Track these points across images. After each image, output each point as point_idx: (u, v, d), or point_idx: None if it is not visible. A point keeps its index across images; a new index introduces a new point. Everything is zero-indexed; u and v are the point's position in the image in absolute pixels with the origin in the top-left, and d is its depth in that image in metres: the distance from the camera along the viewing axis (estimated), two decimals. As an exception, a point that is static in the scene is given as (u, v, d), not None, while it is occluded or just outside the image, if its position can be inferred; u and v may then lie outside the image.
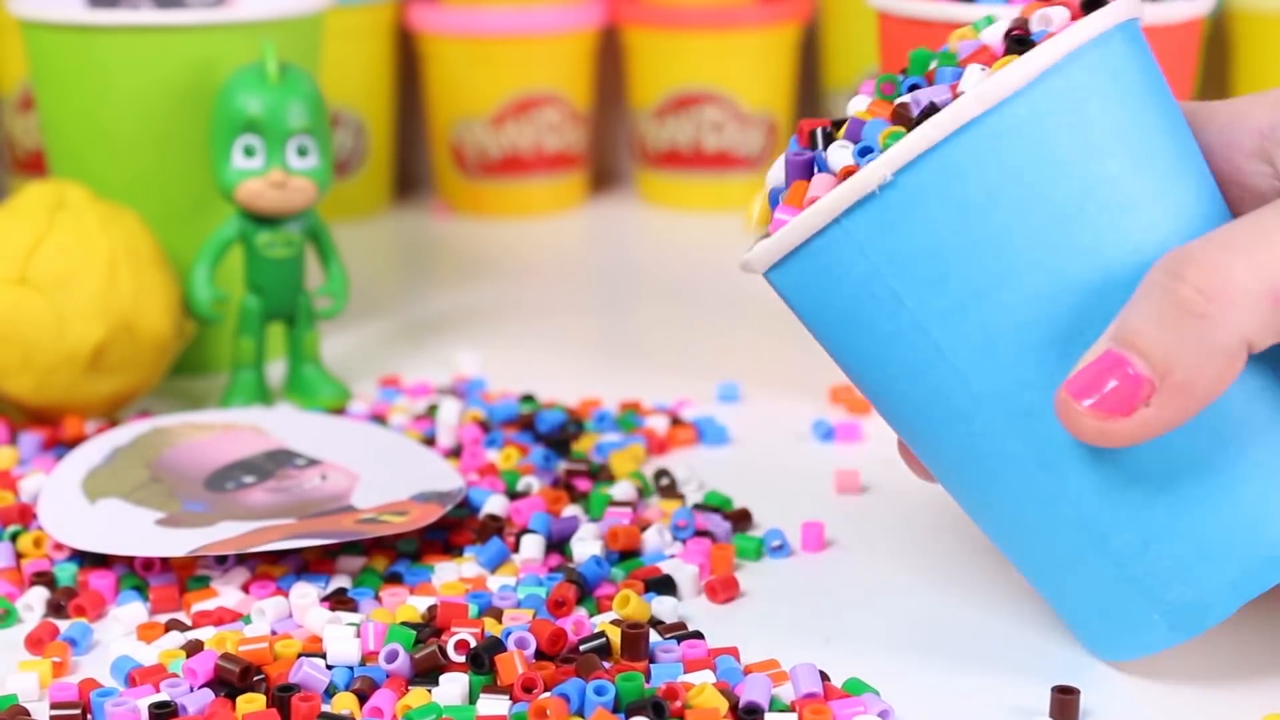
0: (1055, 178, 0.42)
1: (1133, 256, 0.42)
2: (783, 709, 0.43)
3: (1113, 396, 0.41)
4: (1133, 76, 0.43)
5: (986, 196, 0.42)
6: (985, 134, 0.42)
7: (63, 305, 0.61)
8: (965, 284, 0.43)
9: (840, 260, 0.43)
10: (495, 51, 0.98)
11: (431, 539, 0.54)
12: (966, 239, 0.42)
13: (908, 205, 0.42)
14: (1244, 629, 0.48)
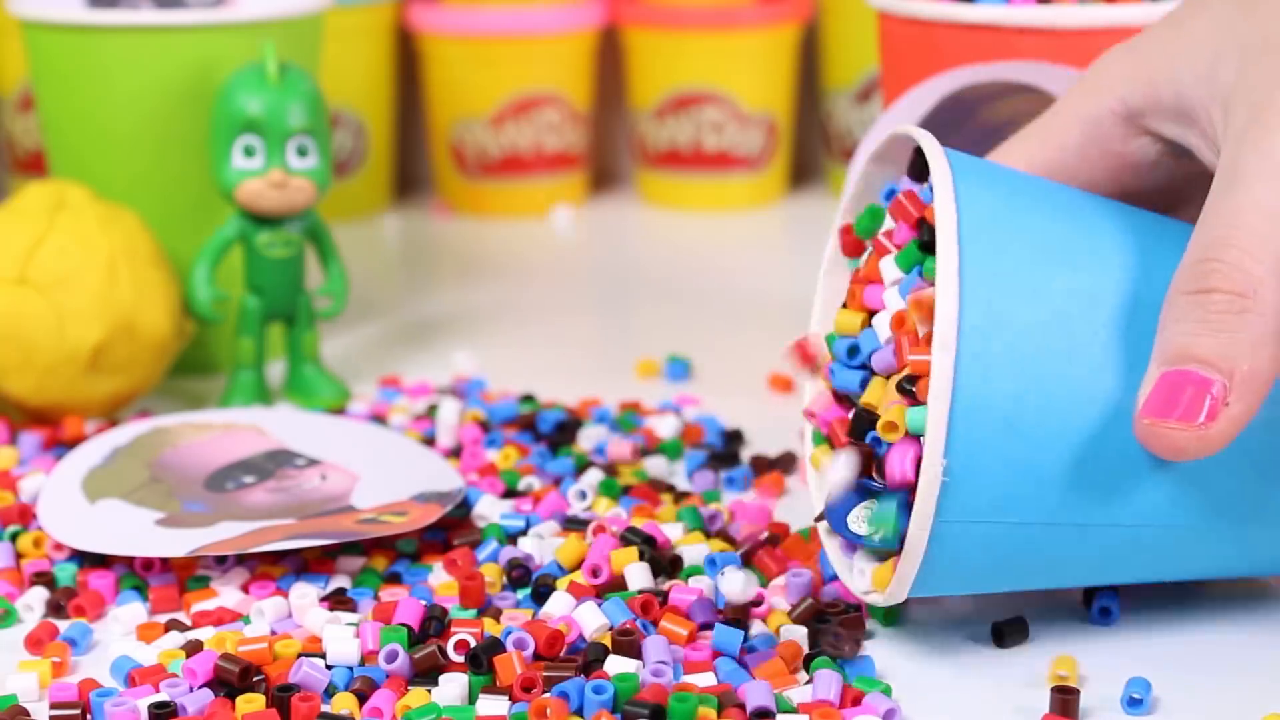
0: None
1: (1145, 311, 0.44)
2: (789, 710, 0.43)
3: (1192, 406, 0.42)
4: (999, 198, 0.45)
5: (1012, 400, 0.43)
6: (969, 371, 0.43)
7: (63, 305, 0.61)
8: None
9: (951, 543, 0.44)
10: (495, 51, 0.98)
11: (431, 539, 0.54)
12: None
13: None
14: (1244, 629, 0.48)
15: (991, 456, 0.43)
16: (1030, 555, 0.45)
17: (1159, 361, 0.42)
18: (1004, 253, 0.44)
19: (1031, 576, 0.46)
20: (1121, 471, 0.44)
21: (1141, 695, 0.44)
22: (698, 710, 0.42)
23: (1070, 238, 0.45)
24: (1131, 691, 0.44)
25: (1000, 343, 0.43)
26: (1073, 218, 0.45)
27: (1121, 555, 0.45)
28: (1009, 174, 0.46)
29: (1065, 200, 0.46)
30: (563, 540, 0.52)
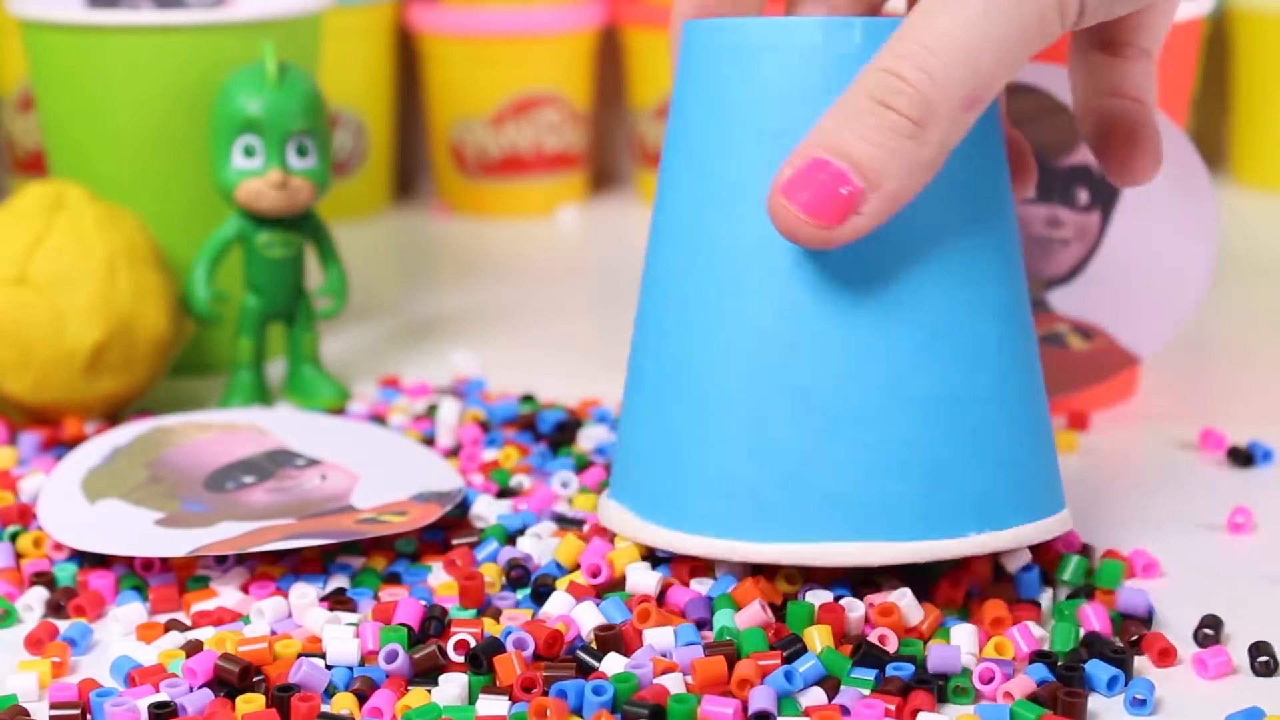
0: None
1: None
2: (794, 713, 0.43)
3: (824, 198, 0.44)
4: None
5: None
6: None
7: (62, 305, 0.61)
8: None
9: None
10: (495, 51, 0.98)
11: (429, 539, 0.54)
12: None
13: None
14: (1245, 629, 0.48)
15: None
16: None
17: (815, 144, 0.44)
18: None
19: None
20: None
21: (1145, 696, 0.44)
22: (697, 711, 0.42)
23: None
24: (1135, 693, 0.44)
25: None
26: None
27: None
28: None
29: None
30: (559, 540, 0.52)
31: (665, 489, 0.48)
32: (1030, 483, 0.48)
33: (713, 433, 0.47)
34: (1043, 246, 0.62)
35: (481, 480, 0.58)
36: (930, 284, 0.46)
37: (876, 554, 0.46)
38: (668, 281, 0.49)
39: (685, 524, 0.48)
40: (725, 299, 0.47)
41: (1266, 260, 0.88)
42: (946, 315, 0.46)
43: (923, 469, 0.46)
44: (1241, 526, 0.55)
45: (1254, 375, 0.71)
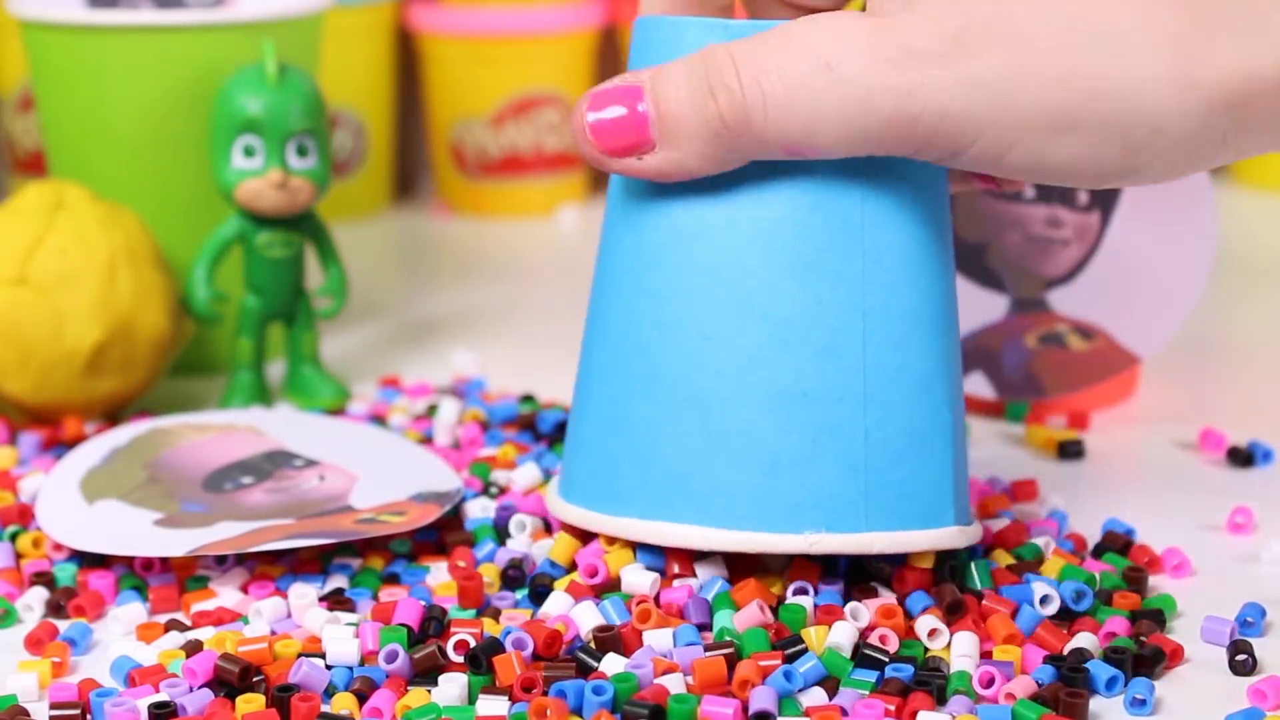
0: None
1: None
2: (795, 713, 0.43)
3: (614, 128, 0.46)
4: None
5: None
6: None
7: (62, 305, 0.61)
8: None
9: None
10: (495, 51, 0.98)
11: (424, 539, 0.54)
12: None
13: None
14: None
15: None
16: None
17: (647, 77, 0.46)
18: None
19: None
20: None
21: (1145, 696, 0.44)
22: (698, 711, 0.42)
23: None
24: (1135, 693, 0.44)
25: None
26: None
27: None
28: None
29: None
30: (552, 539, 0.52)
31: (566, 462, 0.51)
32: (895, 491, 0.47)
33: (587, 407, 0.49)
34: (1043, 246, 0.62)
35: (465, 475, 0.58)
36: (786, 277, 0.46)
37: (710, 539, 0.47)
38: (603, 264, 0.50)
39: (569, 493, 0.50)
40: (608, 283, 0.49)
41: (1266, 260, 0.88)
42: (801, 310, 0.46)
43: (762, 460, 0.46)
44: (1242, 526, 0.55)
45: (1254, 375, 0.71)
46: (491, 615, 0.49)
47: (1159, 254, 0.62)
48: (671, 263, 0.47)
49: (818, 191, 0.46)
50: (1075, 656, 0.45)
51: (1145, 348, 0.63)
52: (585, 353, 0.50)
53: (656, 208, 0.48)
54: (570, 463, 0.51)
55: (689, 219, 0.47)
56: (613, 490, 0.48)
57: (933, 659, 0.45)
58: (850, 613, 0.47)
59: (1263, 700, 0.44)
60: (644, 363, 0.48)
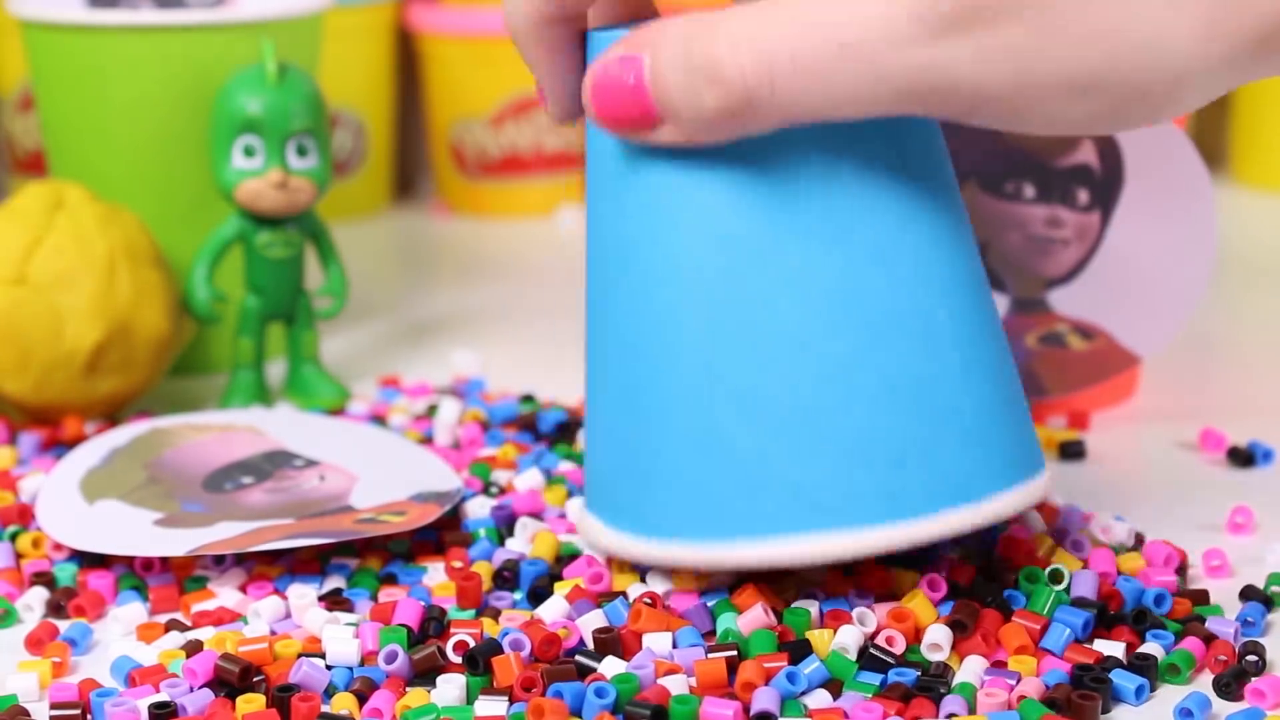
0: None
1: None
2: (797, 713, 0.43)
3: (618, 98, 0.44)
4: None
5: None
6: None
7: (61, 305, 0.61)
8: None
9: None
10: (495, 51, 0.98)
11: (423, 539, 0.54)
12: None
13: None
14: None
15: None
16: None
17: (649, 39, 0.44)
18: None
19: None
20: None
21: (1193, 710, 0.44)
22: (699, 712, 0.42)
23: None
24: (1186, 705, 0.44)
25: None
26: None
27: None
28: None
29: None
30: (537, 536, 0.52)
31: (630, 498, 0.48)
32: (1002, 454, 0.47)
33: (667, 441, 0.46)
34: (1043, 247, 0.62)
35: (465, 475, 0.58)
36: (869, 271, 0.45)
37: (845, 544, 0.45)
38: (605, 297, 0.48)
39: (651, 531, 0.47)
40: (659, 309, 0.46)
41: (1266, 260, 0.88)
42: (890, 300, 0.46)
43: (886, 455, 0.45)
44: (1242, 526, 0.55)
45: (1254, 375, 0.71)
46: (490, 616, 0.49)
47: (1159, 254, 0.62)
48: (749, 281, 0.45)
49: (874, 180, 0.46)
50: (1102, 664, 0.45)
51: (1146, 348, 0.63)
52: (638, 384, 0.47)
53: (716, 231, 0.46)
54: (643, 498, 0.47)
55: (758, 236, 0.45)
56: (715, 518, 0.46)
57: (939, 664, 0.45)
58: (858, 617, 0.46)
59: (1262, 700, 0.44)
60: (732, 384, 0.45)
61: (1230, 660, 0.46)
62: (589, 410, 0.49)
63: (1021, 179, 0.62)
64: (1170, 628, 0.47)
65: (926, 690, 0.44)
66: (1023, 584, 0.48)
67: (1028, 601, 0.48)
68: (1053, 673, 0.45)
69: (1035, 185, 0.62)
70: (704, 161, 0.46)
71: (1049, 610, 0.47)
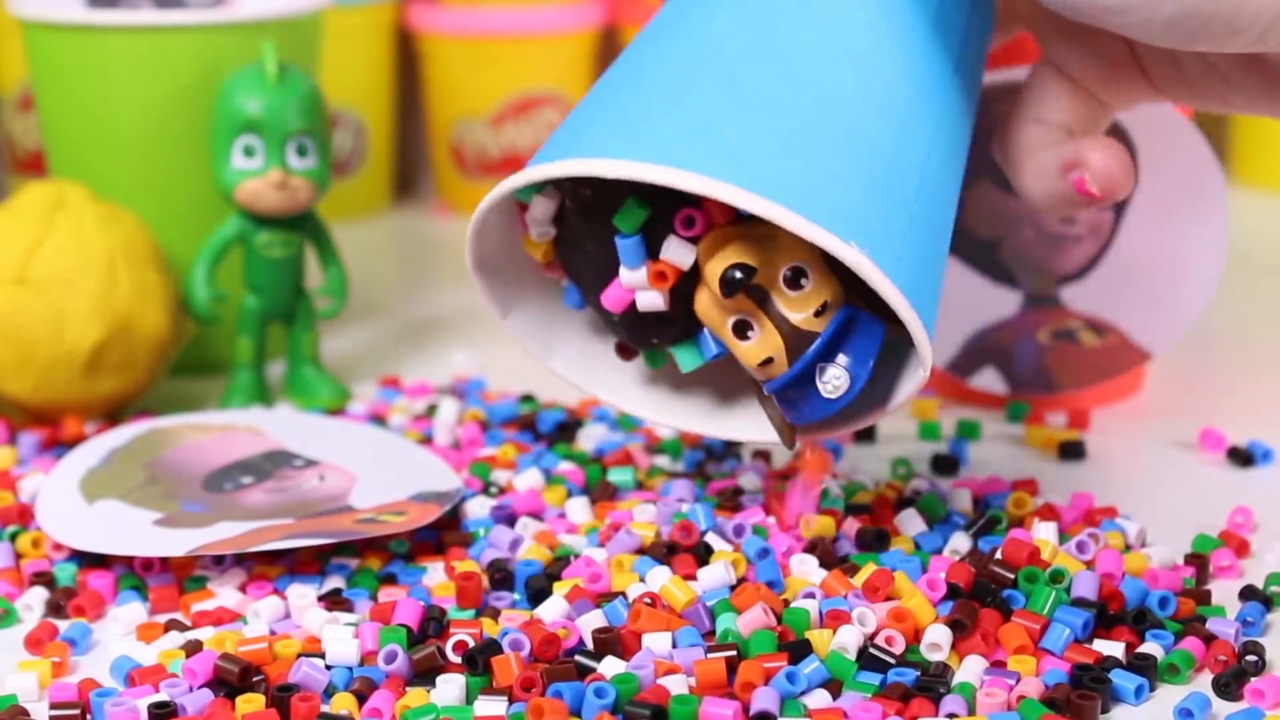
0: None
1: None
2: (797, 713, 0.43)
3: None
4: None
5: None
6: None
7: (62, 305, 0.61)
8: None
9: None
10: (495, 51, 0.98)
11: (422, 539, 0.54)
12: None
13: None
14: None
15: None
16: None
17: None
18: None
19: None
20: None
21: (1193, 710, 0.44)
22: (698, 712, 0.42)
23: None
24: (1186, 705, 0.44)
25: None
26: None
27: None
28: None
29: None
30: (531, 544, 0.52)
31: (569, 130, 0.47)
32: (916, 267, 0.45)
33: (687, 74, 0.46)
34: (1056, 243, 0.62)
35: (465, 475, 0.58)
36: (906, 11, 0.47)
37: (734, 195, 0.43)
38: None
39: (579, 151, 0.46)
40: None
41: (1267, 260, 0.88)
42: (916, 70, 0.46)
43: (831, 165, 0.44)
44: (1241, 527, 0.55)
45: (1255, 375, 0.71)
46: (490, 616, 0.49)
47: (1171, 251, 0.62)
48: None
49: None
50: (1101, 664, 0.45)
51: (1157, 344, 0.63)
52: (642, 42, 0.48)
53: None
54: (574, 130, 0.46)
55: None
56: (639, 139, 0.45)
57: (938, 664, 0.45)
58: (857, 617, 0.46)
59: (1261, 700, 0.44)
60: (743, 46, 0.46)
61: (1230, 660, 0.46)
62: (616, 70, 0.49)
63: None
64: (1170, 628, 0.47)
65: (926, 690, 0.44)
66: (1022, 584, 0.48)
67: (1027, 602, 0.48)
68: (1052, 672, 0.44)
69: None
70: None
71: (1049, 610, 0.47)
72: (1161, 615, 0.48)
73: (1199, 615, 0.48)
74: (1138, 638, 0.47)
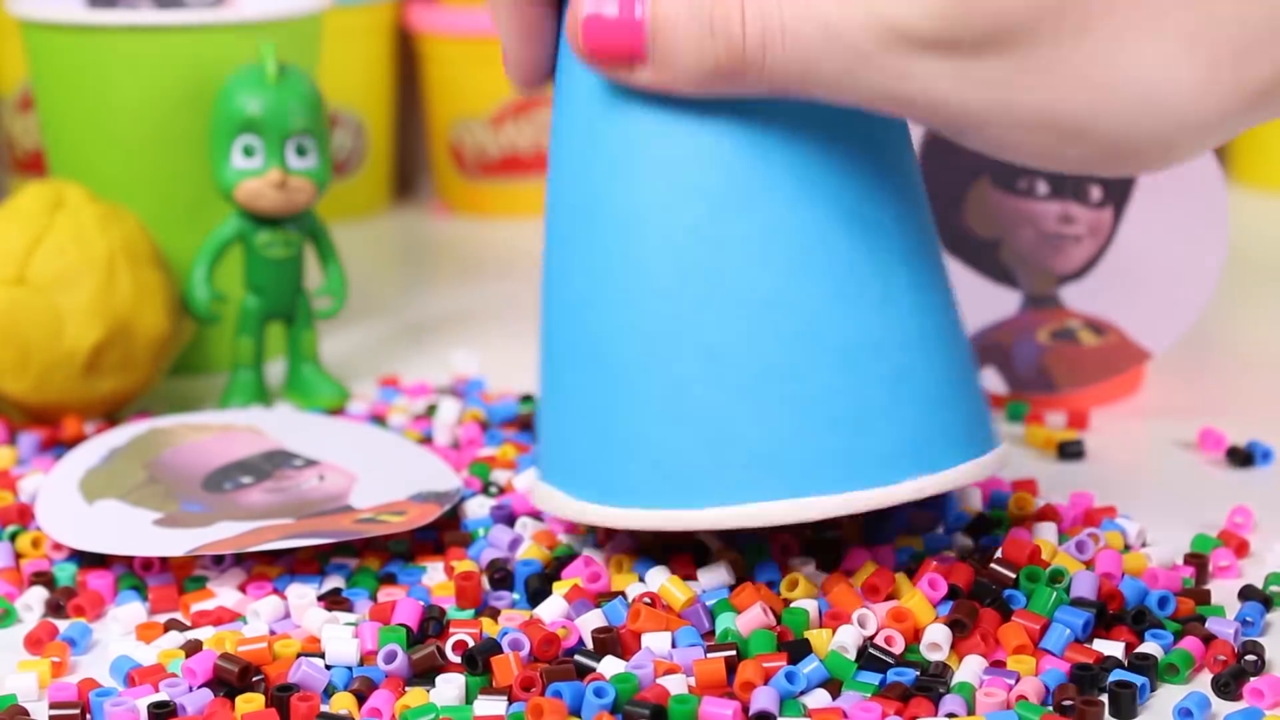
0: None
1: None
2: (797, 713, 0.43)
3: (609, 27, 0.44)
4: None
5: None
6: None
7: (61, 305, 0.61)
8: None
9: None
10: (495, 51, 0.98)
11: (422, 539, 0.54)
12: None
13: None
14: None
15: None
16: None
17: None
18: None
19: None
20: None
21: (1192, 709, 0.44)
22: (698, 711, 0.42)
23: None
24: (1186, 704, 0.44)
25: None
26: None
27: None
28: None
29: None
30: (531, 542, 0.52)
31: (591, 464, 0.47)
32: (960, 423, 0.47)
33: (630, 401, 0.46)
34: (1055, 243, 0.63)
35: (465, 475, 0.58)
36: (836, 232, 0.45)
37: (810, 510, 0.45)
38: (568, 252, 0.47)
39: (614, 498, 0.47)
40: (626, 263, 0.46)
41: (1267, 260, 0.88)
42: (854, 262, 0.46)
43: (847, 418, 0.45)
44: (1241, 526, 0.55)
45: (1255, 375, 0.71)
46: (490, 615, 0.49)
47: (1171, 250, 0.62)
48: (716, 237, 0.45)
49: (844, 142, 0.46)
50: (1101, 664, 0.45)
51: (1157, 343, 0.63)
52: (601, 340, 0.47)
53: (687, 181, 0.45)
54: (601, 464, 0.47)
55: (728, 188, 0.45)
56: (682, 483, 0.46)
57: (938, 664, 0.45)
58: (857, 618, 0.46)
59: (1260, 699, 0.44)
60: (700, 343, 0.45)
61: (1229, 660, 0.46)
62: (544, 375, 0.49)
63: (1035, 175, 0.62)
64: (1169, 627, 0.47)
65: (925, 690, 0.44)
66: (1023, 584, 0.48)
67: (1028, 601, 0.48)
68: (1051, 672, 0.44)
69: (1048, 181, 0.62)
70: (680, 112, 0.45)
71: (1049, 610, 0.47)
72: (1161, 615, 0.48)
73: (1198, 615, 0.48)
74: (1137, 637, 0.47)
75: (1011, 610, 0.47)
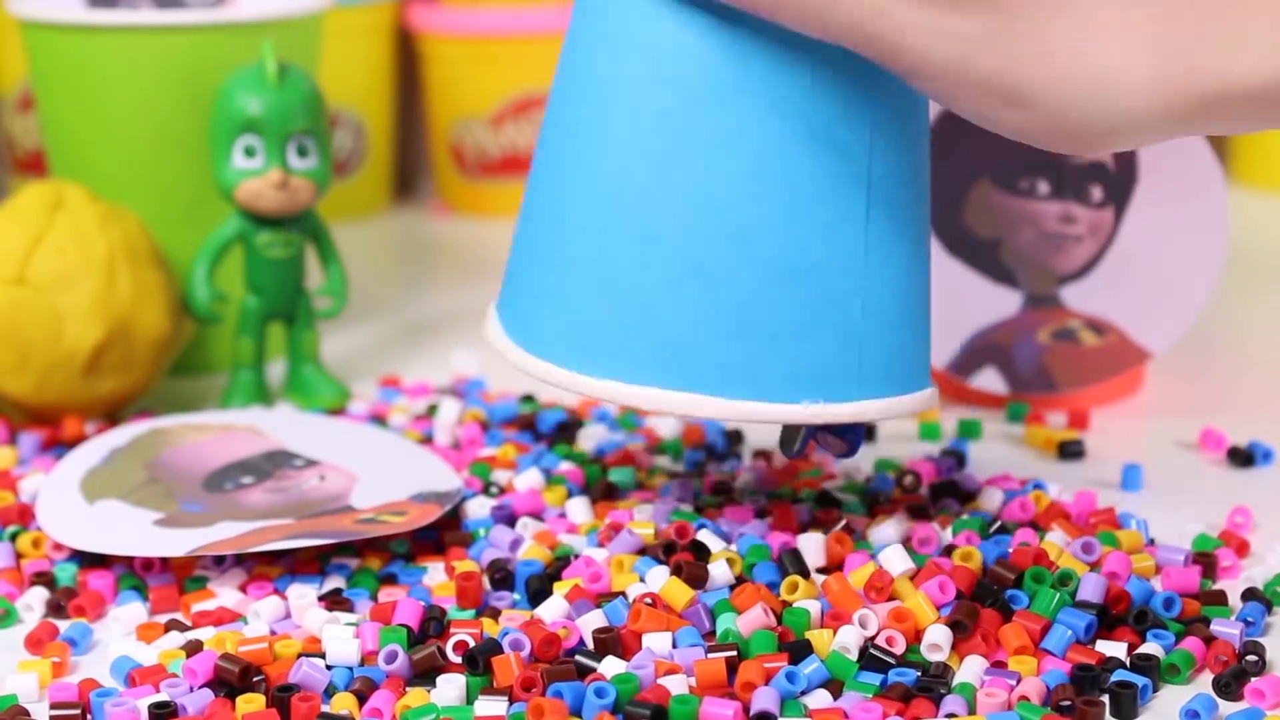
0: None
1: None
2: (797, 713, 0.43)
3: None
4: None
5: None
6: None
7: (61, 305, 0.61)
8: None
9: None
10: (495, 51, 0.98)
11: (423, 539, 0.54)
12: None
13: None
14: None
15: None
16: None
17: None
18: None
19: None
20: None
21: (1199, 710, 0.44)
22: (699, 712, 0.42)
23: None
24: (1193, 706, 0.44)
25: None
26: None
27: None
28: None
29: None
30: (531, 543, 0.52)
31: (526, 310, 0.49)
32: (881, 361, 0.47)
33: (567, 261, 0.48)
34: (1056, 243, 0.63)
35: (465, 475, 0.58)
36: (799, 149, 0.46)
37: (706, 408, 0.46)
38: (556, 111, 0.49)
39: (536, 347, 0.48)
40: (594, 133, 0.47)
41: (1267, 260, 0.88)
42: (810, 182, 0.46)
43: (763, 331, 0.46)
44: (1241, 526, 0.55)
45: (1255, 375, 0.71)
46: (490, 615, 0.49)
47: (1171, 250, 0.62)
48: (679, 127, 0.46)
49: (832, 64, 0.46)
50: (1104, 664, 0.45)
51: (1157, 343, 0.63)
52: (560, 198, 0.48)
53: (664, 67, 0.46)
54: (532, 310, 0.49)
55: (701, 83, 0.46)
56: (595, 351, 0.47)
57: (939, 665, 0.45)
58: (858, 618, 0.46)
59: (1261, 700, 0.44)
60: (641, 225, 0.47)
61: (1230, 660, 0.46)
62: (519, 218, 0.51)
63: (1036, 175, 0.62)
64: (1171, 628, 0.47)
65: (926, 690, 0.44)
66: (1028, 584, 0.48)
67: (1031, 603, 0.48)
68: (1053, 673, 0.44)
69: (1049, 182, 0.62)
70: (673, 3, 0.46)
71: (1053, 612, 0.47)
72: (1166, 616, 0.48)
73: (1203, 616, 0.48)
74: (1139, 638, 0.47)
75: (1012, 611, 0.47)
